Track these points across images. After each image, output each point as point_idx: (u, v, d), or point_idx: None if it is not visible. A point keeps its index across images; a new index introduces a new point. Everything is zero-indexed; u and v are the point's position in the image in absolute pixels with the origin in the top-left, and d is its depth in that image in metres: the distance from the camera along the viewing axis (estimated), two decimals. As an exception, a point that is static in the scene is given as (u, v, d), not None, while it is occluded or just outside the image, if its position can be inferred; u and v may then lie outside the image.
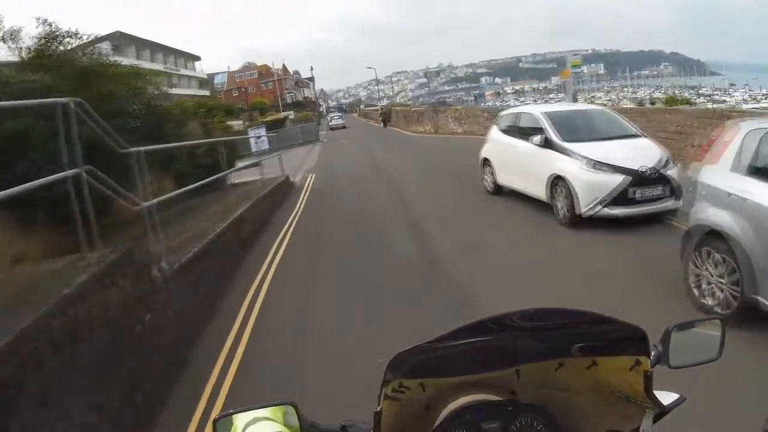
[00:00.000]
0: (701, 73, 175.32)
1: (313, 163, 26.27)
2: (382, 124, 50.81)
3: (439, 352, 1.10)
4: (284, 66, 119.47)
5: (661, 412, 1.16)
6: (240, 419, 1.19)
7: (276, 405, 1.22)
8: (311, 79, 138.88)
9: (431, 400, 1.26)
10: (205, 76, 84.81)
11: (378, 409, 1.11)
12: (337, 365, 4.87)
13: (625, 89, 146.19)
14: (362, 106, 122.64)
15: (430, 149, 24.82)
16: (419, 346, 1.06)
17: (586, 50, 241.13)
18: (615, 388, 1.18)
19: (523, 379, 1.25)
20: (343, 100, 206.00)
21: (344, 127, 57.42)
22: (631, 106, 29.06)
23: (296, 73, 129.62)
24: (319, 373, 4.78)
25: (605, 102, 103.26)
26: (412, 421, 1.26)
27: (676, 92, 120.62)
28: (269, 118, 54.21)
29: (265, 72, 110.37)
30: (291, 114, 58.40)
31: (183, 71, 72.26)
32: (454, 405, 1.24)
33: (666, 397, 1.18)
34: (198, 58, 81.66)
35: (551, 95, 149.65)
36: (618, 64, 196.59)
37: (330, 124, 59.92)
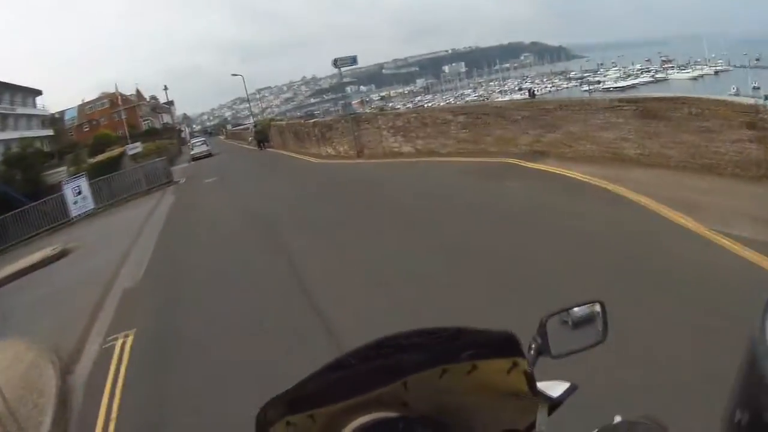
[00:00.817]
0: (565, 59, 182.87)
1: (146, 252, 13.72)
2: (257, 146, 42.35)
3: (327, 381, 1.11)
4: (138, 92, 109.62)
5: (556, 403, 1.20)
6: None
7: None
8: (170, 103, 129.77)
9: (324, 428, 1.19)
10: (50, 113, 73.17)
11: None
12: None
13: (491, 83, 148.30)
14: (228, 126, 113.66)
15: (385, 199, 12.94)
16: (288, 391, 1.09)
17: (446, 50, 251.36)
18: (500, 389, 1.19)
19: (412, 390, 1.20)
20: (209, 123, 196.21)
21: (210, 154, 47.76)
22: (523, 100, 23.31)
23: (153, 98, 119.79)
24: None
25: (476, 98, 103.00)
26: None
27: (546, 80, 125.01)
28: (101, 158, 42.79)
29: (116, 100, 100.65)
30: (138, 146, 46.71)
31: (19, 110, 60.81)
32: (349, 428, 1.18)
33: (558, 387, 1.23)
34: (38, 92, 69.43)
35: (418, 98, 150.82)
36: (479, 61, 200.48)
37: (192, 152, 49.60)
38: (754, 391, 0.73)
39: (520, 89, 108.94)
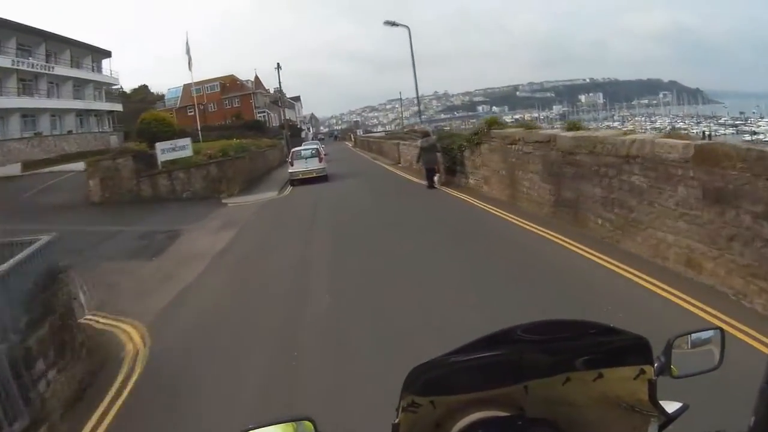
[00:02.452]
0: (700, 102, 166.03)
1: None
2: (427, 179, 18.21)
3: (453, 367, 1.12)
4: (257, 79, 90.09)
5: (666, 420, 1.18)
6: None
7: (292, 421, 1.21)
8: (296, 99, 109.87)
9: (441, 418, 1.22)
10: (116, 79, 52.88)
11: (396, 421, 1.13)
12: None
13: (637, 117, 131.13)
14: (359, 132, 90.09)
15: None
16: (434, 360, 1.09)
17: (583, 79, 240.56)
18: (621, 399, 1.18)
19: (532, 395, 1.22)
20: (337, 126, 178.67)
21: (323, 176, 25.66)
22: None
23: (278, 91, 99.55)
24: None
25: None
26: None
27: (697, 123, 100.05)
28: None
29: (230, 84, 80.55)
30: (186, 145, 23.60)
31: (58, 69, 40.30)
32: (464, 422, 1.20)
33: (669, 406, 1.21)
34: (107, 54, 49.63)
35: (557, 125, 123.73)
36: (616, 93, 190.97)
37: (292, 170, 25.98)
38: None
39: (674, 128, 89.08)
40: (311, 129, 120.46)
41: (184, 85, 77.19)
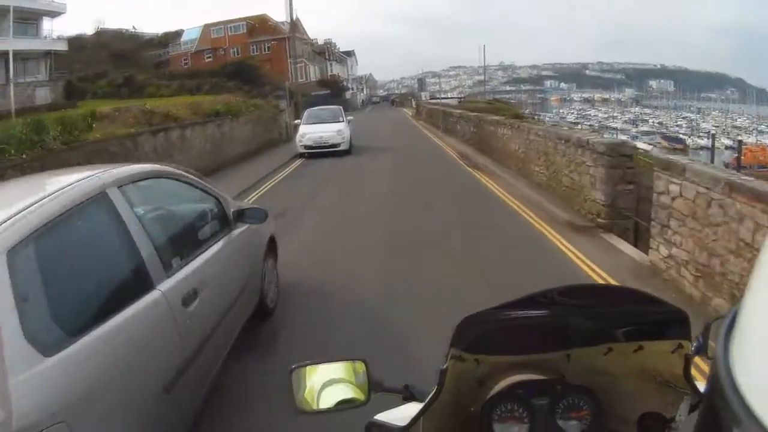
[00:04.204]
0: (766, 103, 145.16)
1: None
2: None
3: (502, 322, 1.14)
4: (296, 22, 70.18)
5: (699, 400, 1.15)
6: (314, 373, 1.29)
7: (347, 361, 1.29)
8: (349, 53, 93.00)
9: (485, 375, 1.27)
10: (62, 5, 33.95)
11: (444, 367, 1.14)
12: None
13: (714, 112, 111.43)
14: (424, 95, 67.92)
15: None
16: (483, 312, 1.10)
17: (654, 65, 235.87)
18: (657, 373, 1.19)
19: (573, 363, 1.25)
20: (396, 91, 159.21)
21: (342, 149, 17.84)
22: None
23: (328, 42, 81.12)
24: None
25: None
26: (465, 396, 1.27)
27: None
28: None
29: (259, 26, 64.16)
30: None
31: None
32: (506, 381, 1.24)
33: (703, 387, 1.18)
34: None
35: (631, 112, 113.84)
36: (685, 82, 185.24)
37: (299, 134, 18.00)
38: None
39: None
40: (364, 90, 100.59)
41: (204, 25, 63.48)
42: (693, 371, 1.14)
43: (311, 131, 17.37)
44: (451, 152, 17.53)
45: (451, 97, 79.19)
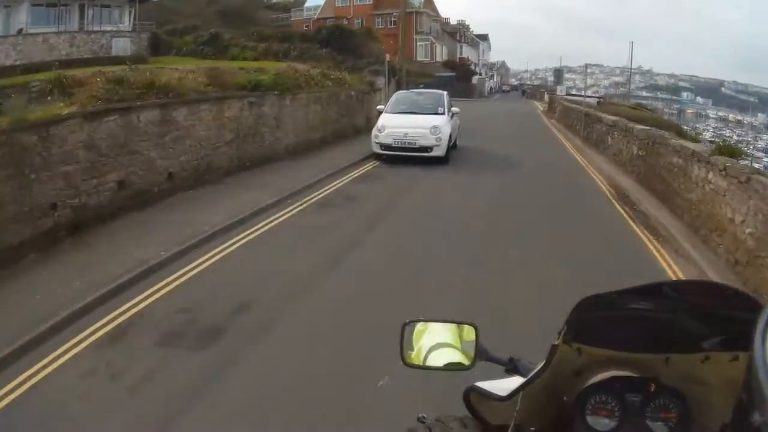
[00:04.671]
0: None
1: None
2: None
3: (618, 310, 1.13)
4: None
5: None
6: (426, 331, 1.32)
7: (459, 323, 1.32)
8: (483, 37, 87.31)
9: (583, 367, 1.25)
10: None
11: (556, 342, 1.14)
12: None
13: None
14: (560, 89, 58.72)
15: None
16: (603, 294, 1.09)
17: None
18: None
19: (671, 367, 1.23)
20: (528, 82, 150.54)
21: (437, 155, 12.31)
22: None
23: (462, 24, 76.46)
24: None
25: None
26: (561, 382, 1.25)
27: None
28: None
29: None
30: None
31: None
32: (601, 376, 1.23)
33: None
34: None
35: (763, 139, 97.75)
36: None
37: (377, 127, 12.61)
38: None
39: None
40: (495, 77, 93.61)
41: None
42: None
43: (394, 124, 12.15)
44: (598, 181, 11.40)
45: (590, 96, 70.04)
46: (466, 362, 1.27)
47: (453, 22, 74.19)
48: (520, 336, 3.41)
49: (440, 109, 12.85)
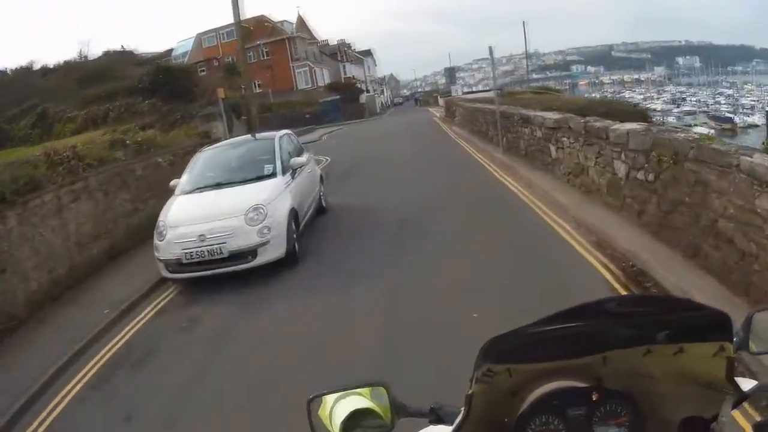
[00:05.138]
0: None
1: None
2: None
3: (532, 338, 1.10)
4: (301, 20, 62.42)
5: (740, 398, 1.14)
6: (333, 402, 1.21)
7: (367, 386, 1.22)
8: (366, 53, 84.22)
9: (517, 385, 1.21)
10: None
11: (470, 392, 1.10)
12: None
13: (747, 85, 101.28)
14: (456, 90, 54.65)
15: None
16: (513, 331, 1.06)
17: (679, 41, 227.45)
18: (698, 375, 1.16)
19: (610, 366, 1.19)
20: (420, 90, 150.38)
21: None
22: None
23: (343, 43, 73.45)
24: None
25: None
26: (497, 407, 1.22)
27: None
28: None
29: (255, 29, 55.07)
30: None
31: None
32: (540, 391, 1.19)
33: (744, 384, 1.16)
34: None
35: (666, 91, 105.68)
36: (711, 58, 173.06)
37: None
38: None
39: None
40: (385, 92, 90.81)
41: (197, 35, 58.03)
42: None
43: (182, 218, 7.00)
44: (578, 246, 6.56)
45: (482, 90, 67.10)
46: (387, 423, 1.18)
47: (333, 42, 70.87)
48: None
49: (269, 168, 7.72)
